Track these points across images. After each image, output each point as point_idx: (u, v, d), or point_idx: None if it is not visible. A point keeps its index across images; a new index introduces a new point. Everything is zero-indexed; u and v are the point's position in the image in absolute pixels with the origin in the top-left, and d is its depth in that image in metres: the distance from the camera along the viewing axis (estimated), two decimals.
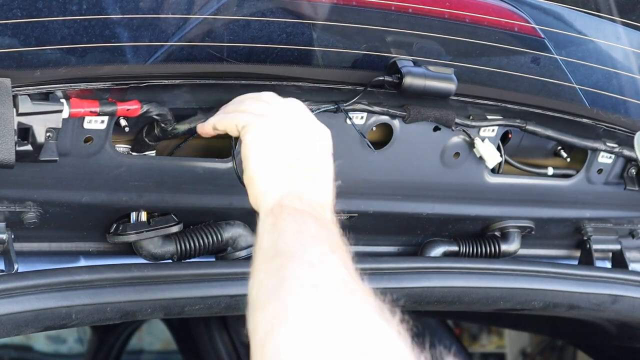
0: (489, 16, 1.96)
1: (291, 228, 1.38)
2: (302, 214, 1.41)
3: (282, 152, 1.53)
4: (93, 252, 1.87)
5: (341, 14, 1.83)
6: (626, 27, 2.10)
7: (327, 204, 1.51)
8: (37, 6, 1.58)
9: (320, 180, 1.53)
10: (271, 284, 1.27)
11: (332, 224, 1.45)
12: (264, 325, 1.21)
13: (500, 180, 2.11)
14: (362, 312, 1.22)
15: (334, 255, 1.33)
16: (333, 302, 1.22)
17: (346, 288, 1.26)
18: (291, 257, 1.30)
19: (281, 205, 1.44)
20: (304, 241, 1.35)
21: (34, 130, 1.61)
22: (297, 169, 1.52)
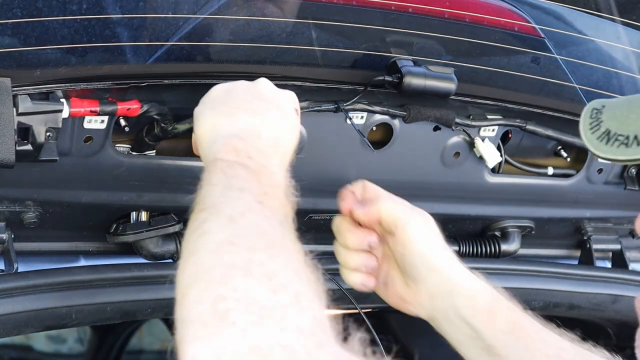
0: (489, 16, 1.96)
1: (221, 182, 1.35)
2: (233, 166, 1.38)
3: (227, 100, 1.52)
4: (93, 252, 1.87)
5: (341, 14, 1.83)
6: (626, 27, 2.10)
7: (271, 149, 1.47)
8: (37, 6, 1.58)
9: (269, 123, 1.49)
10: (192, 239, 1.24)
11: (267, 172, 1.41)
12: (182, 281, 1.18)
13: (500, 180, 2.11)
14: (278, 266, 1.19)
15: (260, 205, 1.30)
16: (248, 258, 1.18)
17: (265, 241, 1.23)
18: (214, 212, 1.28)
19: (215, 159, 1.40)
20: (231, 194, 1.32)
21: (34, 130, 1.61)
22: (242, 110, 1.50)
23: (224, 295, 1.11)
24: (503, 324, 1.62)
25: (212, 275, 1.15)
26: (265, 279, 1.15)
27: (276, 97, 1.56)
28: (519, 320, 1.63)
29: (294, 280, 1.18)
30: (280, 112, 1.53)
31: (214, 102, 1.54)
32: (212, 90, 1.57)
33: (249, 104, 1.51)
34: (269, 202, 1.34)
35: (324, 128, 1.87)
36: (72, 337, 4.47)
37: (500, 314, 1.62)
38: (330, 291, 1.69)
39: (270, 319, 1.10)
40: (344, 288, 1.81)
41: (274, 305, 1.12)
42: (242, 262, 1.17)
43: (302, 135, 1.84)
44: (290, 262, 1.21)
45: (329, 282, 1.81)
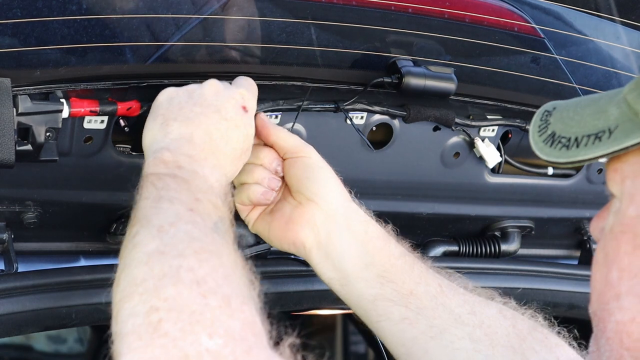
0: (489, 16, 1.96)
1: (152, 196, 1.37)
2: (162, 178, 1.41)
3: (167, 109, 1.54)
4: (93, 252, 1.87)
5: (341, 14, 1.83)
6: (626, 27, 2.10)
7: (203, 153, 1.50)
8: (37, 6, 1.58)
9: (204, 128, 1.52)
10: (125, 254, 1.27)
11: (198, 177, 1.44)
12: (116, 295, 1.22)
13: (500, 180, 2.11)
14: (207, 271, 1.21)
15: (190, 212, 1.33)
16: (177, 265, 1.21)
17: (194, 247, 1.25)
18: (144, 224, 1.30)
19: (146, 174, 1.43)
20: (161, 206, 1.34)
21: (34, 130, 1.61)
22: (177, 120, 1.52)
23: (156, 306, 1.15)
24: (396, 250, 1.64)
25: (145, 287, 1.19)
26: (195, 285, 1.18)
27: (219, 99, 1.57)
28: (409, 250, 1.67)
29: (224, 284, 1.21)
30: (220, 115, 1.55)
31: (156, 111, 1.57)
32: (158, 96, 1.59)
33: (186, 112, 1.54)
34: (201, 207, 1.37)
35: (324, 128, 1.87)
36: (72, 337, 4.47)
37: (393, 242, 1.65)
38: (331, 291, 1.70)
39: (200, 324, 1.13)
40: None
41: (203, 310, 1.15)
42: (171, 270, 1.20)
43: (302, 135, 1.85)
44: (220, 267, 1.24)
45: None
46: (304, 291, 1.89)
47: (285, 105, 1.80)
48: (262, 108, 1.77)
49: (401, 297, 1.61)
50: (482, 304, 1.63)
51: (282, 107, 1.80)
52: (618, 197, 1.12)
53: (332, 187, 1.65)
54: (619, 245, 1.09)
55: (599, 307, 1.11)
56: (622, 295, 1.08)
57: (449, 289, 1.63)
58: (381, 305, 1.62)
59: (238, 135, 1.56)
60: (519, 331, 1.60)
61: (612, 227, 1.11)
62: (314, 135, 1.86)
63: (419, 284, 1.62)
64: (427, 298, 1.61)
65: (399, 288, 1.62)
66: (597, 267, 1.13)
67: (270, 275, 1.85)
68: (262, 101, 1.77)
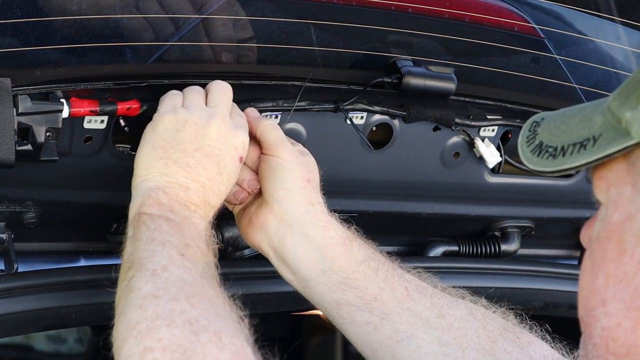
0: (489, 16, 1.96)
1: (145, 237, 1.42)
2: (155, 220, 1.45)
3: (171, 144, 1.55)
4: (93, 252, 1.87)
5: (341, 14, 1.83)
6: (626, 27, 2.10)
7: (195, 205, 1.53)
8: (37, 6, 1.58)
9: (201, 181, 1.54)
10: (122, 298, 1.33)
11: (188, 223, 1.48)
12: (116, 340, 1.28)
13: (500, 180, 2.11)
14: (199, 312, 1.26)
15: (181, 257, 1.38)
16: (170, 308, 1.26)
17: (186, 291, 1.30)
18: (139, 268, 1.36)
19: (139, 213, 1.47)
20: (154, 249, 1.39)
21: (34, 130, 1.61)
22: (179, 163, 1.54)
23: (151, 347, 1.21)
24: (359, 254, 1.63)
25: (139, 329, 1.24)
26: (187, 324, 1.23)
27: (222, 148, 1.57)
28: (375, 254, 1.65)
29: (215, 321, 1.26)
30: (218, 168, 1.56)
31: (158, 139, 1.57)
32: (164, 119, 1.58)
33: (188, 157, 1.55)
34: (190, 253, 1.41)
35: (324, 128, 1.87)
36: (72, 337, 4.47)
37: (355, 245, 1.64)
38: None
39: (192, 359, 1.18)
40: None
41: (195, 346, 1.20)
42: (164, 312, 1.25)
43: (302, 135, 1.85)
44: (211, 307, 1.29)
45: None
46: None
47: (285, 105, 1.80)
48: (262, 108, 1.77)
49: (365, 302, 1.60)
50: (451, 305, 1.62)
51: (280, 107, 1.80)
52: (604, 204, 1.14)
53: (290, 190, 1.64)
54: (605, 252, 1.10)
55: (585, 313, 1.12)
56: (607, 301, 1.09)
57: (416, 292, 1.62)
58: (344, 309, 1.62)
59: (227, 188, 1.59)
60: (489, 332, 1.60)
61: (599, 233, 1.13)
62: (314, 136, 1.86)
63: (383, 289, 1.60)
64: (392, 303, 1.60)
65: (361, 294, 1.61)
66: (584, 274, 1.13)
67: (269, 276, 1.85)
68: (262, 101, 1.77)
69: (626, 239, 1.08)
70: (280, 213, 1.63)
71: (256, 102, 1.76)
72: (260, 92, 1.78)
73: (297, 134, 1.84)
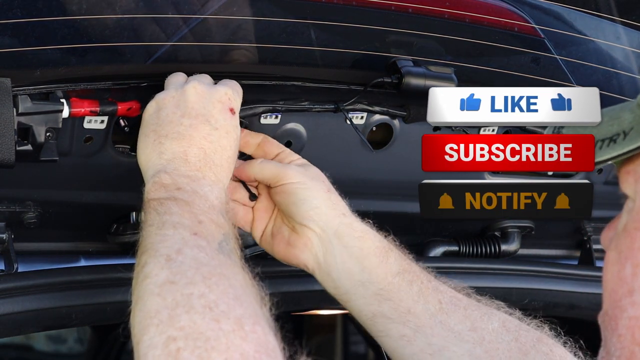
0: (489, 16, 1.96)
1: (156, 222, 1.41)
2: (164, 203, 1.43)
3: (158, 125, 1.55)
4: (93, 252, 1.87)
5: (341, 14, 1.83)
6: (626, 27, 2.10)
7: (200, 171, 1.51)
8: (37, 6, 1.58)
9: (196, 143, 1.53)
10: (137, 285, 1.31)
11: (198, 197, 1.46)
12: (134, 328, 1.26)
13: (500, 180, 2.11)
14: (218, 295, 1.25)
15: (194, 237, 1.36)
16: (188, 293, 1.25)
17: (203, 272, 1.29)
18: (152, 254, 1.34)
19: (148, 200, 1.46)
20: (166, 233, 1.38)
21: (34, 130, 1.61)
22: (169, 137, 1.53)
23: (173, 336, 1.19)
24: (395, 266, 1.63)
25: (160, 318, 1.22)
26: (208, 310, 1.22)
27: (206, 104, 1.57)
28: (410, 266, 1.65)
29: (235, 305, 1.25)
30: (209, 125, 1.55)
31: (146, 127, 1.57)
32: (147, 108, 1.59)
33: (175, 126, 1.54)
34: (204, 230, 1.40)
35: (324, 128, 1.87)
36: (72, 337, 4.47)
37: (392, 256, 1.64)
38: None
39: (216, 350, 1.17)
40: None
41: (218, 335, 1.19)
42: (183, 298, 1.24)
43: (302, 135, 1.85)
44: (230, 288, 1.28)
45: None
46: (304, 291, 1.89)
47: (285, 105, 1.80)
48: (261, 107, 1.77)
49: (399, 315, 1.61)
50: (484, 318, 1.62)
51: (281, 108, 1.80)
52: (632, 197, 1.15)
53: (319, 207, 1.64)
54: (632, 242, 1.11)
55: (611, 305, 1.13)
56: (635, 290, 1.10)
57: (449, 305, 1.62)
58: (380, 322, 1.62)
59: (229, 142, 1.57)
60: (521, 345, 1.60)
61: (626, 225, 1.14)
62: (314, 136, 1.86)
63: (417, 302, 1.61)
64: (425, 316, 1.61)
65: (396, 306, 1.61)
66: (609, 266, 1.14)
67: (270, 275, 1.85)
68: (262, 102, 1.77)
69: None
70: (319, 231, 1.63)
71: (256, 103, 1.76)
72: (261, 93, 1.78)
73: (297, 134, 1.84)
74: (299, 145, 1.85)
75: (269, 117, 1.80)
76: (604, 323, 1.16)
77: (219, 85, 1.61)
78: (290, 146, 1.84)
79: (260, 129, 1.79)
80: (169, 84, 1.62)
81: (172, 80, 1.62)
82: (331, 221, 1.64)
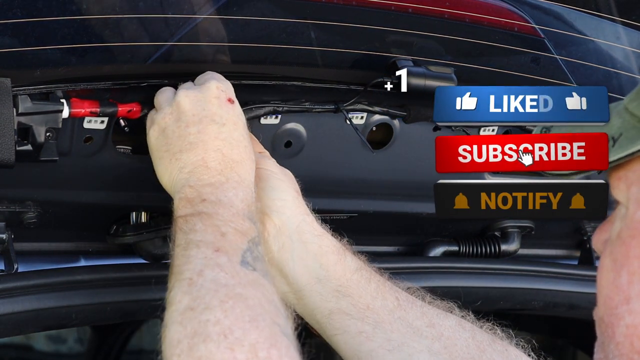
0: (489, 16, 1.96)
1: (182, 242, 1.42)
2: (189, 221, 1.44)
3: (168, 144, 1.55)
4: (93, 252, 1.87)
5: (341, 14, 1.83)
6: (626, 27, 2.10)
7: (221, 174, 1.51)
8: (37, 6, 1.58)
9: (210, 146, 1.53)
10: (166, 310, 1.34)
11: (222, 206, 1.46)
12: (164, 354, 1.28)
13: (501, 180, 2.11)
14: (233, 320, 1.27)
15: (216, 254, 1.37)
16: (205, 320, 1.27)
17: (220, 295, 1.31)
18: (177, 277, 1.36)
19: (175, 218, 1.47)
20: (190, 253, 1.39)
21: (34, 130, 1.61)
22: (184, 150, 1.53)
23: None
24: (352, 263, 1.64)
25: (181, 348, 1.25)
26: (223, 338, 1.24)
27: (204, 106, 1.56)
28: (365, 265, 1.66)
29: (250, 329, 1.26)
30: (216, 123, 1.55)
31: (157, 153, 1.57)
32: (149, 134, 1.59)
33: (187, 138, 1.54)
34: (227, 244, 1.40)
35: (324, 128, 1.87)
36: (72, 337, 4.47)
37: (349, 255, 1.65)
38: None
39: None
40: None
41: None
42: (200, 326, 1.26)
43: (302, 135, 1.85)
44: (246, 310, 1.29)
45: None
46: None
47: (285, 105, 1.80)
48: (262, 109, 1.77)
49: (357, 311, 1.61)
50: (440, 315, 1.63)
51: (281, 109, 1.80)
52: (624, 203, 1.14)
53: (286, 200, 1.64)
54: (628, 250, 1.11)
55: (607, 312, 1.12)
56: (632, 298, 1.09)
57: (406, 302, 1.63)
58: (337, 318, 1.62)
59: (241, 133, 1.57)
60: (478, 342, 1.61)
61: (620, 232, 1.13)
62: (314, 136, 1.86)
63: (375, 298, 1.61)
64: (384, 312, 1.61)
65: (355, 302, 1.61)
66: (604, 273, 1.14)
67: None
68: (262, 102, 1.77)
69: None
70: (279, 223, 1.63)
71: (256, 104, 1.76)
72: (260, 92, 1.78)
73: (297, 134, 1.84)
74: (299, 145, 1.85)
75: (269, 117, 1.80)
76: (599, 328, 1.16)
77: (205, 83, 1.60)
78: (290, 146, 1.84)
79: (260, 129, 1.79)
80: (160, 103, 1.62)
81: (161, 98, 1.62)
82: (294, 217, 1.63)
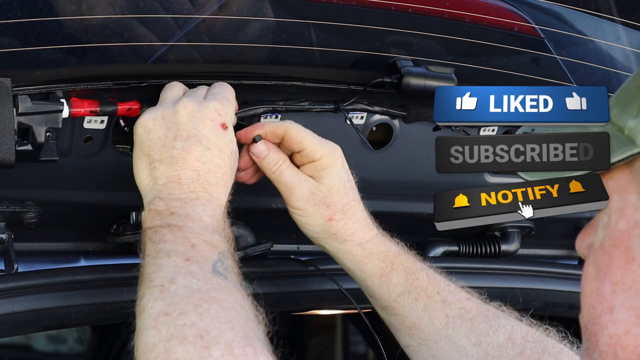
0: (489, 16, 1.96)
1: (151, 252, 1.43)
2: (158, 232, 1.45)
3: (150, 147, 1.55)
4: (93, 252, 1.87)
5: (341, 14, 1.83)
6: (626, 27, 2.10)
7: (193, 192, 1.51)
8: (37, 6, 1.58)
9: (189, 166, 1.52)
10: (137, 317, 1.34)
11: (191, 220, 1.47)
12: (140, 358, 1.29)
13: (500, 180, 2.11)
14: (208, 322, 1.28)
15: (187, 263, 1.38)
16: (181, 324, 1.28)
17: (194, 300, 1.32)
18: (148, 285, 1.37)
19: (144, 229, 1.48)
20: (160, 262, 1.40)
21: (34, 130, 1.61)
22: (163, 162, 1.53)
23: None
24: (399, 286, 1.68)
25: (157, 351, 1.26)
26: (199, 339, 1.25)
27: (197, 124, 1.55)
28: (416, 281, 1.69)
29: (226, 329, 1.27)
30: (202, 145, 1.54)
31: (139, 149, 1.57)
32: (136, 127, 1.58)
33: (169, 150, 1.53)
34: (197, 254, 1.41)
35: (324, 128, 1.87)
36: (72, 337, 4.47)
37: (395, 277, 1.68)
38: (331, 291, 1.70)
39: None
40: (344, 288, 1.81)
41: None
42: (177, 330, 1.27)
43: None
44: (221, 311, 1.30)
45: (328, 282, 1.82)
46: (304, 291, 1.89)
47: (285, 105, 1.80)
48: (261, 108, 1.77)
49: (405, 327, 1.68)
50: (489, 331, 1.65)
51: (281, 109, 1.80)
52: (605, 212, 1.14)
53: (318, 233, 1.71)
54: (611, 259, 1.10)
55: (591, 320, 1.12)
56: (615, 308, 1.09)
57: (456, 319, 1.66)
58: (389, 327, 1.72)
59: (223, 160, 1.56)
60: (526, 359, 1.63)
61: (603, 241, 1.13)
62: None
63: (422, 318, 1.66)
64: (430, 331, 1.66)
65: (401, 320, 1.68)
66: (587, 281, 1.14)
67: (270, 275, 1.85)
68: (262, 102, 1.77)
69: (634, 246, 1.09)
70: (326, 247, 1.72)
71: (256, 103, 1.76)
72: (260, 92, 1.78)
73: None
74: None
75: (269, 117, 1.80)
76: (584, 334, 1.15)
77: (208, 100, 1.59)
78: None
79: None
80: (163, 99, 1.61)
81: (167, 95, 1.62)
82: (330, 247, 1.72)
